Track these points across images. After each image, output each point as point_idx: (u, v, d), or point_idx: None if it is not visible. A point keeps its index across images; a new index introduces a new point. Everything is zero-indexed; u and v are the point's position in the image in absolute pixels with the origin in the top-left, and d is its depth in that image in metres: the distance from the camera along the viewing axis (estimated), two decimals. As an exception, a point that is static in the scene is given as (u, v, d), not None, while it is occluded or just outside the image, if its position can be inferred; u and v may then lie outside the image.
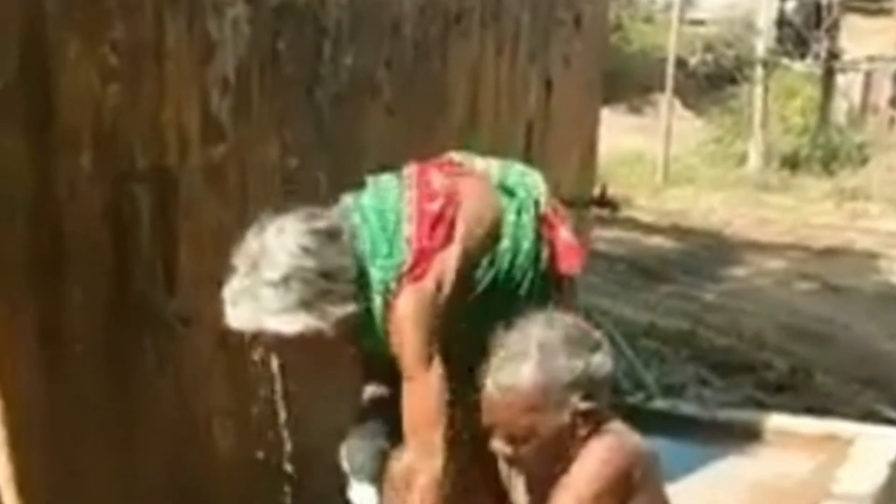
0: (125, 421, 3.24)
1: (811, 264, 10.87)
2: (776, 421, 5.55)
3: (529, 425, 2.69)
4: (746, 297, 9.54)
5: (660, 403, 5.89)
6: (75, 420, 3.03)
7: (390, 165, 3.13)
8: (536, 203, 3.07)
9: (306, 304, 2.74)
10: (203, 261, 3.43)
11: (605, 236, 9.89)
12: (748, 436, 5.40)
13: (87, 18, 2.92)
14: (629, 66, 17.00)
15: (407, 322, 2.85)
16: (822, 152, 16.39)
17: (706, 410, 5.90)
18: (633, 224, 11.66)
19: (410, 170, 3.06)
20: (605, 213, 6.92)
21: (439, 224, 2.93)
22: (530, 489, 2.89)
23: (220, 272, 3.47)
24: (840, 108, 17.88)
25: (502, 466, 3.03)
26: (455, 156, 3.19)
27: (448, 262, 2.90)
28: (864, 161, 16.09)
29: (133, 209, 3.17)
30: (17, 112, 2.75)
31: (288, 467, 3.27)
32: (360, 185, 3.05)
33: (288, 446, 3.29)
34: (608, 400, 2.76)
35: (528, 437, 2.70)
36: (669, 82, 14.76)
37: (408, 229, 2.92)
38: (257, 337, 2.80)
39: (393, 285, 2.86)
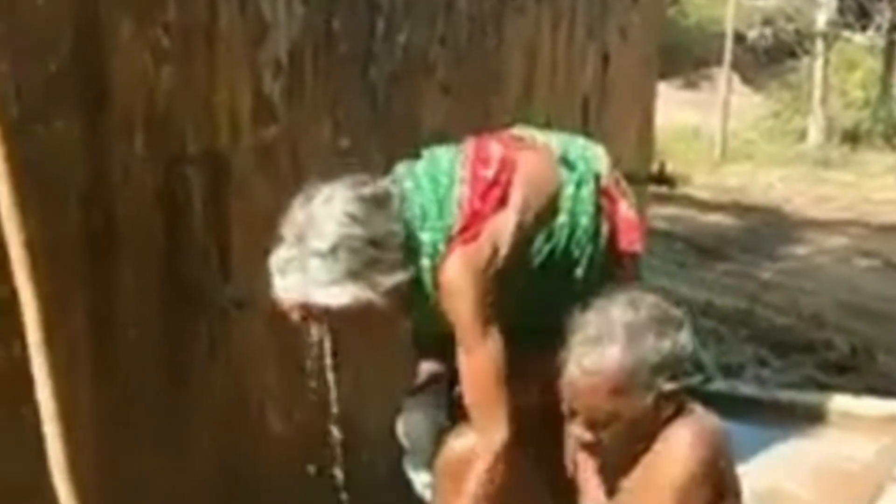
0: (178, 406, 3.23)
1: (872, 241, 10.73)
2: (838, 402, 5.49)
3: (613, 410, 2.64)
4: (806, 276, 9.44)
5: (719, 384, 5.83)
6: (128, 405, 3.02)
7: (446, 143, 3.06)
8: (597, 177, 2.98)
9: (354, 275, 2.67)
10: (256, 244, 3.39)
11: (661, 213, 9.81)
12: (809, 417, 5.35)
13: (140, 0, 2.89)
14: (685, 39, 16.82)
15: (457, 284, 2.77)
16: (884, 126, 16.17)
17: (766, 391, 5.85)
18: (690, 201, 11.54)
19: (468, 141, 3.00)
20: (663, 190, 6.85)
21: (493, 189, 2.85)
22: (604, 472, 2.83)
23: (271, 255, 3.47)
24: (902, 81, 17.61)
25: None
26: (515, 130, 3.12)
27: (501, 227, 2.81)
28: (927, 135, 15.86)
29: (185, 192, 3.15)
30: (71, 94, 2.73)
31: (340, 449, 3.23)
32: (416, 157, 2.99)
33: (339, 427, 3.25)
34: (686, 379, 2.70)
35: (611, 422, 2.66)
36: (727, 56, 14.57)
37: (460, 192, 2.84)
38: (305, 308, 2.73)
39: (442, 247, 2.78)
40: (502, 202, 2.84)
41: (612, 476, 2.79)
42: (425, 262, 2.79)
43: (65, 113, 2.72)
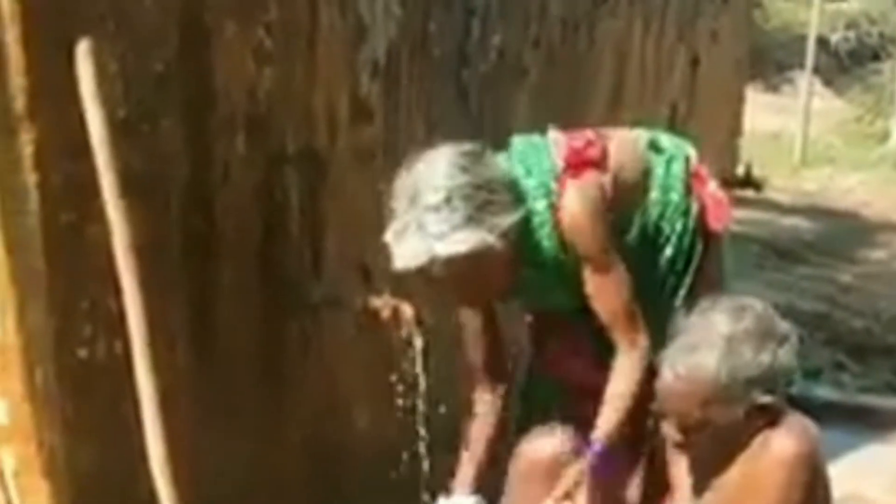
0: (271, 400, 3.26)
1: (954, 245, 10.53)
2: (918, 407, 5.41)
3: (704, 417, 2.63)
4: (885, 280, 9.26)
5: (796, 388, 5.75)
6: (223, 399, 3.06)
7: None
8: (687, 158, 3.05)
9: (472, 220, 2.70)
10: (348, 244, 3.43)
11: (739, 216, 9.67)
12: (887, 422, 5.27)
13: (243, 1, 2.92)
14: (767, 43, 16.63)
15: (582, 215, 2.82)
16: (968, 130, 15.84)
17: (844, 396, 5.78)
18: (769, 204, 11.40)
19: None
20: (748, 193, 6.79)
21: (591, 147, 2.90)
22: (695, 471, 2.82)
23: (364, 254, 3.50)
24: None
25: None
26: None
27: (603, 178, 2.88)
28: None
29: (283, 191, 3.17)
30: (176, 94, 2.76)
31: (425, 447, 3.25)
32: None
33: (426, 427, 3.27)
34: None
35: (702, 428, 2.65)
36: (810, 60, 14.35)
37: (556, 145, 2.92)
38: (424, 271, 2.73)
39: (554, 185, 2.84)
40: (603, 157, 2.90)
41: (703, 475, 2.78)
42: (539, 205, 2.84)
43: (170, 112, 2.76)
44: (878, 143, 15.50)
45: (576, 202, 2.83)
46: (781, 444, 2.61)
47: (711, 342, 2.61)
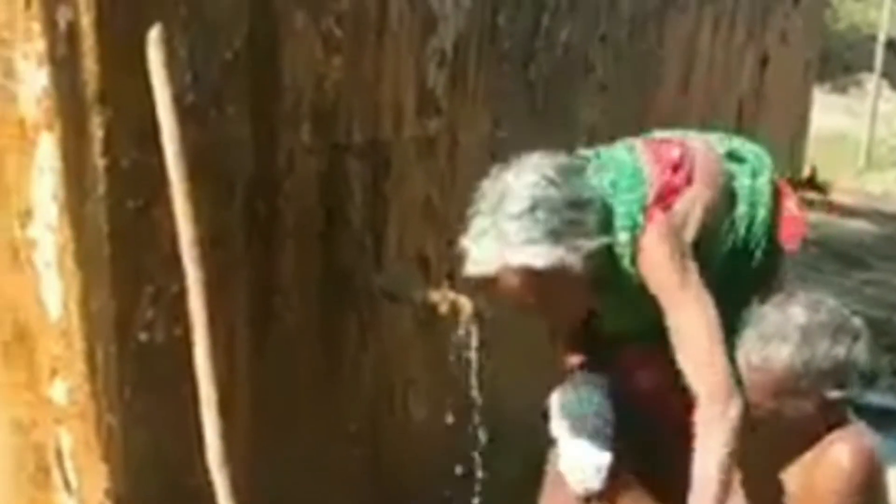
0: (328, 390, 3.27)
1: None
2: (975, 416, 5.31)
3: (774, 408, 2.61)
4: (948, 287, 9.15)
5: (853, 393, 5.67)
6: (281, 388, 3.07)
7: (601, 141, 3.03)
8: (771, 171, 2.96)
9: (555, 235, 2.58)
10: (409, 236, 3.43)
11: (801, 218, 9.57)
12: (949, 431, 5.18)
13: (314, -10, 2.92)
14: (835, 44, 16.45)
15: (660, 252, 2.68)
16: None
17: (900, 403, 5.70)
18: (831, 207, 11.28)
19: (628, 140, 2.95)
20: (813, 195, 6.72)
21: (680, 168, 2.81)
22: (754, 464, 2.77)
23: (424, 247, 3.50)
24: None
25: None
26: (669, 133, 3.08)
27: (694, 198, 2.77)
28: None
29: (346, 183, 3.16)
30: (245, 81, 2.76)
31: (482, 439, 3.24)
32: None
33: (481, 419, 3.26)
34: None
35: (770, 420, 2.62)
36: (879, 62, 14.19)
37: (648, 169, 2.79)
38: (494, 282, 2.63)
39: (640, 219, 2.71)
40: (689, 181, 2.80)
41: (763, 470, 2.75)
42: (623, 237, 2.71)
43: (237, 100, 2.76)
44: (946, 147, 15.30)
45: (655, 241, 2.70)
46: (839, 452, 2.59)
47: (787, 332, 2.58)
